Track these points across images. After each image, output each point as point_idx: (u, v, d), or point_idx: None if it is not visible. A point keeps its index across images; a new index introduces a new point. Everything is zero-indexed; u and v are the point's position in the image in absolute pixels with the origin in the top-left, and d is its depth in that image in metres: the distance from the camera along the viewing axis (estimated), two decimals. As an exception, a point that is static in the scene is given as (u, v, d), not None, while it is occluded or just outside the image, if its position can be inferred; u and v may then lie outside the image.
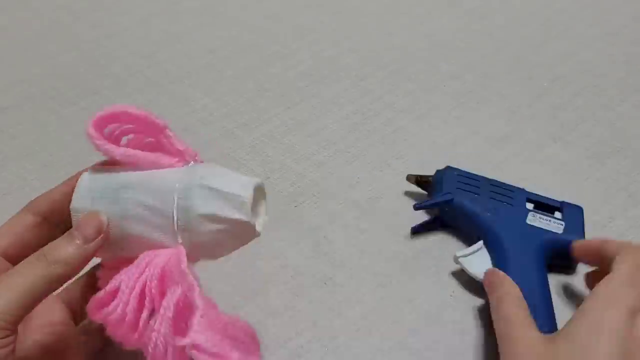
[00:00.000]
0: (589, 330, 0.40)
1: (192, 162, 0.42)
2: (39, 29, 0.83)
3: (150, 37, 0.82)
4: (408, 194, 0.63)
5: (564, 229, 0.56)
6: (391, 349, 0.51)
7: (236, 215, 0.39)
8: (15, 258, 0.40)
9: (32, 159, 0.66)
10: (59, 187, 0.43)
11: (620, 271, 0.43)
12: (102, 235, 0.39)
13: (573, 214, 0.58)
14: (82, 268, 0.39)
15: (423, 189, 0.62)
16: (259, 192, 0.41)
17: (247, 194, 0.39)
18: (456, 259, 0.55)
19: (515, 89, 0.76)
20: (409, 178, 0.63)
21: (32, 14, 0.85)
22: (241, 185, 0.39)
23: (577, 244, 0.52)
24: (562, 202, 0.59)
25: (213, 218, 0.39)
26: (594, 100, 0.75)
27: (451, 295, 0.55)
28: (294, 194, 0.63)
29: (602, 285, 0.43)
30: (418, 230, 0.60)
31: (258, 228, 0.40)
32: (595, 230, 0.60)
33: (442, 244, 0.59)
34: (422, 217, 0.61)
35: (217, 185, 0.39)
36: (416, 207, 0.60)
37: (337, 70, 0.78)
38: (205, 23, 0.84)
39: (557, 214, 0.58)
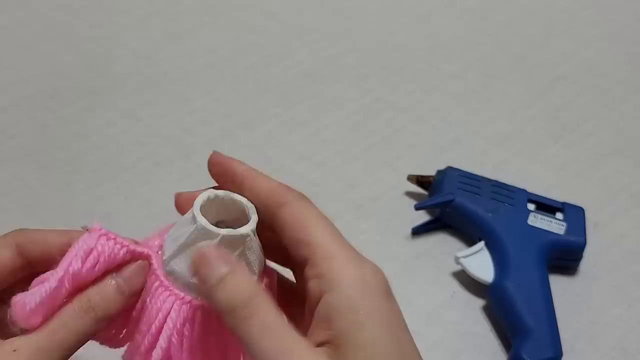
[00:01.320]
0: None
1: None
2: (38, 28, 0.82)
3: (149, 36, 0.82)
4: (409, 194, 0.63)
5: (566, 230, 0.56)
6: (392, 350, 0.51)
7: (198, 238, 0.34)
8: None
9: (31, 159, 0.66)
10: (54, 234, 0.36)
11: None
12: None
13: (574, 215, 0.58)
14: None
15: (424, 189, 0.62)
16: (223, 203, 0.36)
17: (199, 223, 0.34)
18: (457, 260, 0.55)
19: (516, 89, 0.75)
20: (410, 178, 0.62)
21: (31, 13, 0.85)
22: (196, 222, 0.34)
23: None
24: (564, 203, 0.58)
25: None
26: (595, 100, 0.74)
27: (452, 296, 0.55)
28: (294, 194, 0.62)
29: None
30: (419, 231, 0.60)
31: (244, 230, 0.34)
32: (596, 231, 0.60)
33: (443, 244, 0.59)
34: (422, 217, 0.61)
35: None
36: (417, 207, 0.59)
37: (337, 70, 0.78)
38: (205, 23, 0.84)
39: (559, 215, 0.58)
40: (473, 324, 0.53)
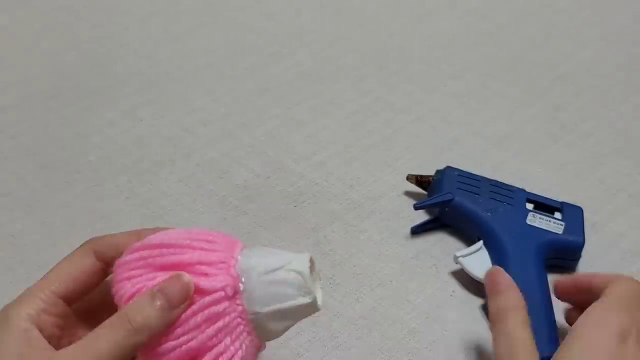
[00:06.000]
0: (582, 353, 0.40)
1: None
2: (39, 28, 0.83)
3: (150, 37, 0.82)
4: (408, 194, 0.63)
5: (564, 230, 0.56)
6: (391, 349, 0.51)
7: (300, 300, 0.39)
8: (72, 300, 0.40)
9: (32, 158, 0.66)
10: (124, 236, 0.41)
11: (612, 296, 0.43)
12: (187, 301, 0.37)
13: (573, 215, 0.58)
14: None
15: (423, 189, 0.62)
16: (311, 264, 0.41)
17: (305, 275, 0.39)
18: (456, 259, 0.55)
19: (515, 89, 0.76)
20: (409, 178, 0.63)
21: (32, 13, 0.85)
22: (295, 267, 0.39)
23: (560, 281, 0.49)
24: (562, 203, 0.59)
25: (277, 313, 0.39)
26: (594, 101, 0.74)
27: (451, 295, 0.55)
28: (294, 194, 0.63)
29: (595, 309, 0.42)
30: (418, 230, 0.60)
31: (319, 302, 0.40)
32: (595, 231, 0.60)
33: (442, 244, 0.59)
34: (422, 217, 0.61)
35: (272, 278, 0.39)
36: (416, 207, 0.60)
37: (336, 70, 0.78)
38: (205, 23, 0.84)
39: (557, 214, 0.58)
40: (472, 323, 0.53)
